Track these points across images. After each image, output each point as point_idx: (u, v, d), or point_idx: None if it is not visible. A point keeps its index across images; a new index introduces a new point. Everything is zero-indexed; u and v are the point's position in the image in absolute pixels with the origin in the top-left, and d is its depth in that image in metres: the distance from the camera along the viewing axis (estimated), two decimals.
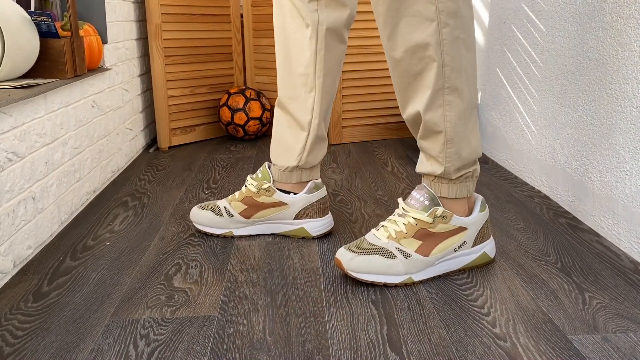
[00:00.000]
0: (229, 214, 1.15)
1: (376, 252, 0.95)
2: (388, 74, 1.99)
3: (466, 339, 0.80)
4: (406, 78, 0.95)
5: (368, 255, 0.95)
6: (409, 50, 0.92)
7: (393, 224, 0.98)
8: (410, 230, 0.96)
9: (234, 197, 1.17)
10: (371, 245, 0.96)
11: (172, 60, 1.86)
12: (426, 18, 0.89)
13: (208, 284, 0.97)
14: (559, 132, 1.33)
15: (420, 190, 0.98)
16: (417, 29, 0.90)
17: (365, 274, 0.94)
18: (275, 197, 1.13)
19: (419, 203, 0.97)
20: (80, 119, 1.33)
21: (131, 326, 0.85)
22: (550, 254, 1.07)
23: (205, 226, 1.17)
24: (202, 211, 1.17)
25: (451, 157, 0.96)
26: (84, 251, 1.11)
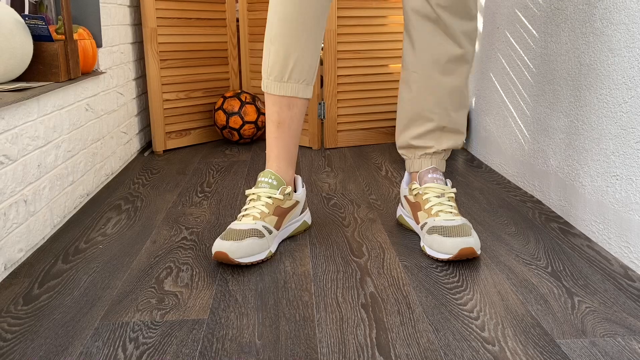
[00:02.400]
0: (269, 231, 1.08)
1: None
2: (382, 78, 1.99)
3: (455, 342, 0.80)
4: None
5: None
6: None
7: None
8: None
9: (264, 213, 1.09)
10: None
11: (167, 64, 1.86)
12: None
13: (199, 287, 0.97)
14: (551, 137, 1.34)
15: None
16: None
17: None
18: (294, 197, 1.15)
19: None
20: (74, 122, 1.33)
21: (121, 329, 0.85)
22: (541, 259, 1.07)
23: (251, 256, 1.03)
24: (240, 242, 1.02)
25: None
26: (75, 254, 1.11)
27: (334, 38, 1.89)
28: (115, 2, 1.69)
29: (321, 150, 1.95)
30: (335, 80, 1.92)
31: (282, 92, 1.11)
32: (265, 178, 1.13)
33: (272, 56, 1.11)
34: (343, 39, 1.91)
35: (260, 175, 1.14)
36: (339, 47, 1.90)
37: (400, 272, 1.02)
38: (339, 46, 1.90)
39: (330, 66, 1.90)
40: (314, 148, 1.96)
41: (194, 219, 1.29)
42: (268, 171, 1.13)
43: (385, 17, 1.96)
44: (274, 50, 1.10)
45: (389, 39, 1.97)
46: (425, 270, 1.03)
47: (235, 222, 1.08)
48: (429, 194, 1.13)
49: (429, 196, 1.13)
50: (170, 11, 1.84)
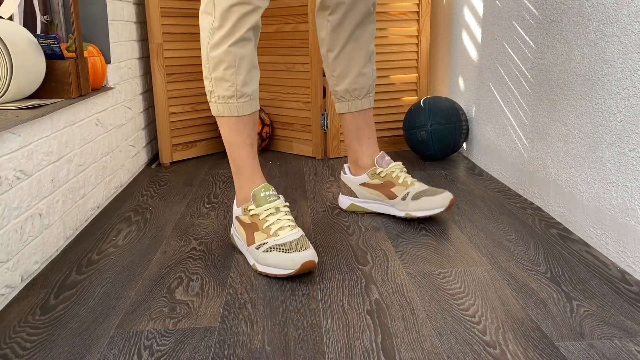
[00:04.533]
0: None
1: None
2: (384, 89, 2.03)
3: (457, 346, 0.83)
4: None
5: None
6: None
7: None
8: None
9: (293, 222, 1.15)
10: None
11: (173, 78, 1.91)
12: None
13: (209, 296, 1.01)
14: (549, 145, 1.37)
15: None
16: None
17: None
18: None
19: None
20: (85, 137, 1.37)
21: (135, 337, 0.88)
22: (540, 264, 1.10)
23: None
24: (312, 249, 1.07)
25: None
26: (88, 265, 1.15)
27: None
28: (123, 19, 1.73)
29: (324, 160, 1.98)
30: None
31: (252, 109, 1.18)
32: (270, 191, 1.16)
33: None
34: None
35: (263, 190, 1.15)
36: None
37: (404, 279, 1.05)
38: None
39: None
40: (317, 158, 2.00)
41: (202, 230, 1.33)
42: (267, 185, 1.16)
43: (386, 29, 2.00)
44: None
45: (390, 50, 2.02)
46: (429, 277, 1.06)
47: (289, 233, 1.09)
48: (395, 171, 1.37)
49: (397, 172, 1.36)
50: (176, 27, 1.89)
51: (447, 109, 1.84)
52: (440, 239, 1.24)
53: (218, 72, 1.14)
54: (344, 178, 1.45)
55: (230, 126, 1.17)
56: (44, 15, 1.48)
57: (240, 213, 1.17)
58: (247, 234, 1.15)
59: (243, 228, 1.16)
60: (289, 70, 2.00)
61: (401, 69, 2.05)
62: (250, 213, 1.14)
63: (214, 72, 1.14)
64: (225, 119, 1.17)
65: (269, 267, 1.07)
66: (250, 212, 1.14)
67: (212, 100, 1.17)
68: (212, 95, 1.17)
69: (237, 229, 1.19)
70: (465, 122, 1.86)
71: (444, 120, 1.82)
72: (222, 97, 1.15)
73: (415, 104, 1.91)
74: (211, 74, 1.14)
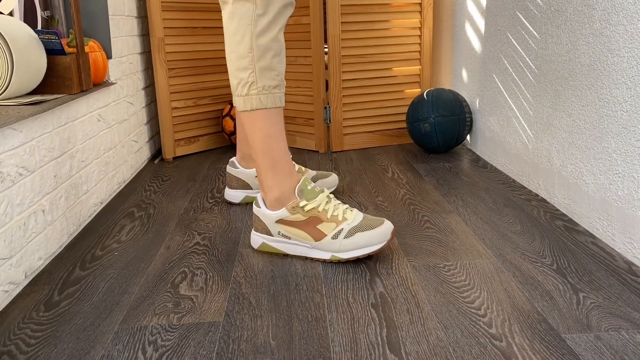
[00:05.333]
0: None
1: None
2: (386, 81, 2.02)
3: (463, 339, 0.83)
4: None
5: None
6: None
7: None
8: None
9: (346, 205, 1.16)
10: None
11: (175, 72, 1.90)
12: None
13: (213, 291, 1.00)
14: (554, 136, 1.36)
15: None
16: None
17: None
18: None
19: None
20: (87, 133, 1.37)
21: (139, 333, 0.88)
22: (546, 256, 1.09)
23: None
24: (386, 222, 1.11)
25: None
26: (92, 261, 1.14)
27: (338, 43, 1.92)
28: (123, 14, 1.72)
29: (327, 153, 1.98)
30: (340, 84, 1.95)
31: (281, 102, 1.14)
32: (312, 183, 1.14)
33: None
34: (347, 43, 1.94)
35: (307, 183, 1.12)
36: (344, 52, 1.93)
37: (409, 272, 1.05)
38: (343, 51, 1.93)
39: (335, 70, 1.93)
40: (320, 152, 1.99)
41: (206, 225, 1.33)
42: (307, 178, 1.14)
43: (388, 21, 1.99)
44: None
45: (393, 42, 2.00)
46: (433, 269, 1.05)
47: (355, 215, 1.11)
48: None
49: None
50: (177, 21, 1.88)
51: (451, 101, 1.83)
52: (445, 232, 1.23)
53: (265, 61, 1.08)
54: (237, 172, 1.44)
55: (272, 118, 1.11)
56: (44, 11, 1.47)
57: (287, 214, 1.11)
58: (309, 232, 1.10)
59: (298, 228, 1.11)
60: (291, 63, 1.99)
61: (404, 61, 2.04)
62: (306, 209, 1.10)
63: (259, 61, 1.08)
64: (267, 111, 1.10)
65: (358, 250, 1.08)
66: (305, 209, 1.10)
67: (251, 93, 1.09)
68: (252, 87, 1.09)
69: (287, 232, 1.12)
70: (469, 114, 1.85)
71: (447, 113, 1.81)
72: (267, 87, 1.10)
73: (418, 97, 1.89)
74: (255, 64, 1.08)
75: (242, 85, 1.10)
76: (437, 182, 1.59)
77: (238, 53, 1.09)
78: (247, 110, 1.11)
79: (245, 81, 1.10)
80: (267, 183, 1.13)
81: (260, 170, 1.13)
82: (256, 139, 1.12)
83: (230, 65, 1.11)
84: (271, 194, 1.12)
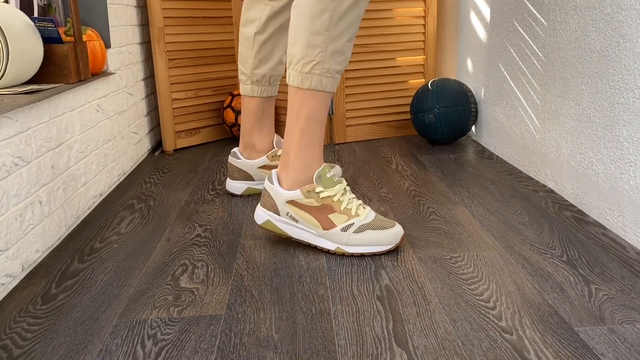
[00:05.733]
0: None
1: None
2: (390, 72, 1.99)
3: (472, 332, 0.80)
4: None
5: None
6: None
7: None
8: None
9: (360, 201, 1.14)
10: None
11: (175, 63, 1.87)
12: None
13: (214, 283, 0.98)
14: (562, 125, 1.33)
15: None
16: None
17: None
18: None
19: None
20: (85, 123, 1.34)
21: (139, 326, 0.85)
22: (555, 247, 1.07)
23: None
24: (397, 225, 1.08)
25: None
26: (91, 254, 1.12)
27: None
28: (122, 3, 1.69)
29: (330, 145, 1.95)
30: (343, 75, 1.92)
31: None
32: (331, 171, 1.11)
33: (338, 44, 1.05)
34: None
35: (327, 170, 1.09)
36: None
37: (415, 264, 1.02)
38: None
39: None
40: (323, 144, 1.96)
41: (207, 217, 1.30)
42: (328, 164, 1.11)
43: (391, 10, 1.95)
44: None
45: (396, 31, 1.97)
46: (440, 261, 1.03)
47: (368, 212, 1.08)
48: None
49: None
50: (177, 10, 1.85)
51: (456, 91, 1.80)
52: (451, 223, 1.20)
53: (339, 43, 1.03)
54: (239, 163, 1.43)
55: (324, 101, 1.07)
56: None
57: (301, 196, 1.08)
58: (319, 219, 1.07)
59: (309, 213, 1.08)
60: None
61: (407, 51, 2.00)
62: (321, 195, 1.06)
63: (334, 42, 1.02)
64: (323, 94, 1.06)
65: (365, 247, 1.05)
66: (320, 195, 1.06)
67: (314, 72, 1.03)
68: (316, 66, 1.03)
69: (296, 215, 1.09)
70: (474, 105, 1.82)
71: (452, 103, 1.78)
72: (332, 71, 1.04)
73: (422, 87, 1.86)
74: (329, 45, 1.02)
75: (305, 62, 1.04)
76: (442, 173, 1.56)
77: (312, 27, 1.02)
78: (301, 88, 1.06)
79: (311, 59, 1.04)
80: (295, 163, 1.09)
81: (292, 149, 1.09)
82: (300, 117, 1.08)
83: (298, 37, 1.04)
84: (294, 174, 1.09)
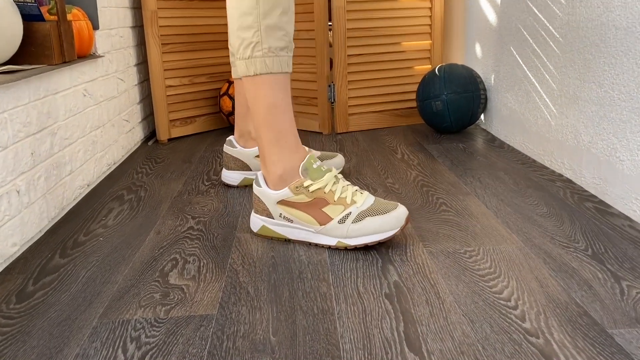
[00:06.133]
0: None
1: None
2: (395, 57, 1.90)
3: (493, 335, 0.72)
4: None
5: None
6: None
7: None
8: None
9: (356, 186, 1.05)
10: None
11: (169, 48, 1.78)
12: None
13: (207, 280, 0.89)
14: (581, 110, 1.24)
15: None
16: None
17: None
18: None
19: None
20: (71, 108, 1.25)
21: (121, 328, 0.77)
22: (578, 241, 0.98)
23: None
24: (400, 206, 0.99)
25: None
26: (74, 248, 1.03)
27: (343, 15, 1.79)
28: None
29: (332, 135, 1.86)
30: (345, 60, 1.83)
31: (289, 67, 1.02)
32: (318, 161, 1.02)
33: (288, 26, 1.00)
34: (353, 15, 1.81)
35: (313, 161, 1.00)
36: (349, 25, 1.81)
37: (426, 259, 0.93)
38: (349, 24, 1.81)
39: (339, 45, 1.81)
40: (324, 133, 1.87)
41: (201, 208, 1.21)
42: (313, 155, 1.02)
43: None
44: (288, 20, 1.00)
45: (402, 15, 1.88)
46: (453, 256, 0.94)
47: (365, 197, 0.99)
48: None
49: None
50: None
51: (464, 77, 1.71)
52: (463, 215, 1.12)
53: (272, 18, 0.96)
54: (235, 152, 1.32)
55: (278, 84, 0.99)
56: None
57: (290, 194, 0.99)
58: (314, 215, 0.98)
59: (302, 210, 0.99)
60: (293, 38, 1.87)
61: (413, 35, 1.91)
62: (311, 189, 0.98)
63: (265, 18, 0.96)
64: (272, 76, 0.98)
65: (367, 236, 0.96)
66: (310, 189, 0.98)
67: (255, 55, 0.98)
68: (256, 48, 0.97)
69: (289, 215, 1.00)
70: (483, 91, 1.73)
71: (460, 89, 1.69)
72: (274, 49, 0.97)
73: (429, 73, 1.77)
74: (261, 22, 0.96)
75: (244, 47, 0.98)
76: (452, 163, 1.48)
77: (241, 9, 0.97)
78: (249, 76, 0.99)
79: (248, 41, 0.97)
80: (270, 158, 1.01)
81: (263, 144, 1.01)
82: (259, 108, 1.00)
83: (232, 24, 0.99)
84: (274, 170, 1.01)
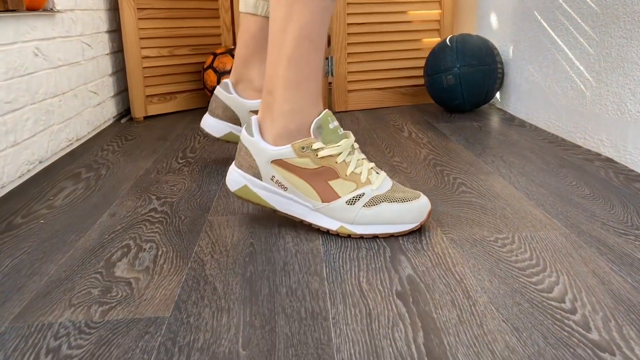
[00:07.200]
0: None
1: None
2: (400, 27, 1.69)
3: (550, 350, 0.51)
4: None
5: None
6: None
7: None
8: None
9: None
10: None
11: (146, 14, 1.57)
12: None
13: (163, 271, 0.69)
14: (627, 74, 1.04)
15: None
16: None
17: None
18: None
19: None
20: (15, 67, 1.05)
21: (37, 334, 0.56)
22: (638, 227, 0.78)
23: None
24: (422, 196, 0.80)
25: None
26: (6, 231, 0.83)
27: None
28: None
29: None
30: (344, 30, 1.62)
31: None
32: (336, 120, 0.80)
33: None
34: None
35: (331, 119, 0.78)
36: None
37: (447, 248, 0.73)
38: None
39: (338, 13, 1.61)
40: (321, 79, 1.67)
41: (169, 187, 1.01)
42: (330, 111, 0.81)
43: None
44: None
45: None
46: (481, 244, 0.74)
47: (382, 178, 0.78)
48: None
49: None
50: None
51: (480, 48, 1.50)
52: (488, 197, 0.92)
53: None
54: (228, 99, 1.08)
55: (321, 12, 0.75)
56: None
57: (292, 154, 0.77)
58: (317, 187, 0.78)
59: (303, 178, 0.78)
60: None
61: (421, 4, 1.71)
62: (320, 154, 0.76)
63: None
64: (318, 1, 0.75)
65: (379, 226, 0.76)
66: (319, 154, 0.76)
67: None
68: None
69: (285, 180, 0.78)
70: (500, 65, 1.53)
71: (475, 62, 1.48)
72: None
73: (440, 44, 1.57)
74: None
75: None
76: (467, 141, 1.27)
77: None
78: None
79: None
80: (283, 106, 0.77)
81: (277, 85, 0.78)
82: (287, 36, 0.75)
83: None
84: (281, 122, 0.78)
